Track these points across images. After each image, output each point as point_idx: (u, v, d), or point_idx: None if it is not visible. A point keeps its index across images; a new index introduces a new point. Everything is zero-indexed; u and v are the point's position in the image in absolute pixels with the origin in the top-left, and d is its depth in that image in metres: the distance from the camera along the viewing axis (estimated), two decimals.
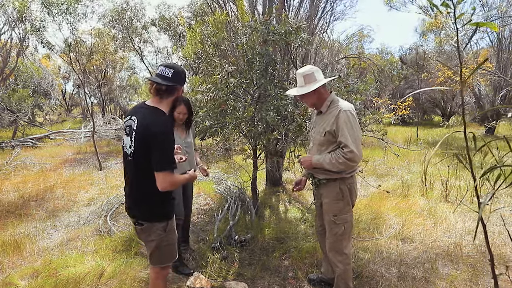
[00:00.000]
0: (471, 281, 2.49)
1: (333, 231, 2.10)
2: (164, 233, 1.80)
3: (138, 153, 1.71)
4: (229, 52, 3.67)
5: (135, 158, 1.72)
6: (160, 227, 1.80)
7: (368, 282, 2.52)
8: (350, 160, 1.90)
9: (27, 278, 2.67)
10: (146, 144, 1.67)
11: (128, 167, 1.81)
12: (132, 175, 1.80)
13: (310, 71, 2.05)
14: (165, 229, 1.80)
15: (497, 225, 3.46)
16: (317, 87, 2.00)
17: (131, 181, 1.82)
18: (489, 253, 1.32)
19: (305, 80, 2.05)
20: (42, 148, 9.26)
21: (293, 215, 3.94)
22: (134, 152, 1.72)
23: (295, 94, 2.12)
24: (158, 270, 1.91)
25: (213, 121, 2.98)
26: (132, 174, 1.79)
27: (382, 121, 4.45)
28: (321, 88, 2.04)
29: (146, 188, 1.74)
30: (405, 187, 4.75)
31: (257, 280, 2.60)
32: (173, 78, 1.73)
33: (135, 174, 1.78)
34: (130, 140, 1.73)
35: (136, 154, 1.72)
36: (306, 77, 2.04)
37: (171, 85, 1.73)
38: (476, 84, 10.79)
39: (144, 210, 1.81)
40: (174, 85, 1.74)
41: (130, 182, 1.82)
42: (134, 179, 1.80)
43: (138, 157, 1.71)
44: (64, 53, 8.09)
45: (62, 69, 20.28)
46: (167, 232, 1.82)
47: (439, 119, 16.54)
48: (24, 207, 4.39)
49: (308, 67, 2.08)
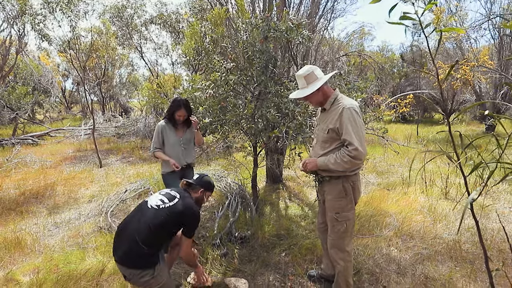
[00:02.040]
0: (470, 277, 2.50)
1: (335, 228, 2.11)
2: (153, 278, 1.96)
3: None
4: (229, 49, 3.67)
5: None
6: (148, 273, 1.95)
7: (368, 279, 2.53)
8: (355, 158, 1.88)
9: (29, 274, 2.69)
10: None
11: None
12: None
13: (309, 71, 2.03)
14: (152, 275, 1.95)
15: (497, 222, 3.47)
16: (320, 85, 1.99)
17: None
18: (482, 248, 1.33)
19: (307, 80, 2.03)
20: (42, 146, 9.26)
21: (293, 212, 3.95)
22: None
23: (300, 97, 2.08)
24: None
25: (213, 118, 2.98)
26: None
27: (383, 119, 4.45)
28: (324, 86, 2.04)
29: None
30: (405, 185, 4.75)
31: (257, 276, 2.62)
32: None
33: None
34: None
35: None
36: (307, 77, 2.03)
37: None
38: (477, 81, 10.75)
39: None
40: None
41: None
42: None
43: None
44: (62, 51, 8.09)
45: (61, 66, 20.24)
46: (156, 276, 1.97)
47: (439, 116, 16.52)
48: (25, 204, 4.40)
49: (306, 67, 2.06)
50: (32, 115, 13.25)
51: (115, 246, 2.01)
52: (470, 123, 12.78)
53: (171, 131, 2.94)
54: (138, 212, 2.09)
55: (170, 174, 2.93)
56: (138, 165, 6.87)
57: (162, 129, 2.93)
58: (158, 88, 9.10)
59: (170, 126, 2.94)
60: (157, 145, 2.94)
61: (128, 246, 1.91)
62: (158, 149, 2.94)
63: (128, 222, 2.06)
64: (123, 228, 2.05)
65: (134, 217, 2.06)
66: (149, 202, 2.10)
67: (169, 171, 2.91)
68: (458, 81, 9.35)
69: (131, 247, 1.90)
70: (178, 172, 2.91)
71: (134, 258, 1.91)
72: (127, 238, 1.94)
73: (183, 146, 2.97)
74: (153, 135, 2.99)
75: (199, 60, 5.63)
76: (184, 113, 2.90)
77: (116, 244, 2.00)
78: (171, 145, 2.94)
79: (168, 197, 2.13)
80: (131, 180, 5.48)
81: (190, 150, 3.05)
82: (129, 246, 1.91)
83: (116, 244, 2.00)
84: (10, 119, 10.92)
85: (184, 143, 2.99)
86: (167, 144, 2.95)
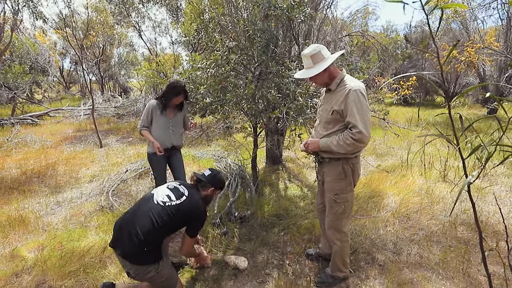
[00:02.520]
0: (463, 257, 2.57)
1: (333, 209, 2.13)
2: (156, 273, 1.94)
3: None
4: (230, 27, 3.58)
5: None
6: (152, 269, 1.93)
7: (364, 258, 2.60)
8: (359, 141, 1.86)
9: (33, 250, 2.76)
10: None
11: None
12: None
13: (316, 50, 1.96)
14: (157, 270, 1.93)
15: (492, 204, 3.52)
16: (328, 65, 1.94)
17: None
18: (478, 229, 1.35)
19: (313, 60, 1.97)
20: (42, 126, 9.24)
21: (293, 193, 4.00)
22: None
23: (306, 77, 2.02)
24: None
25: (214, 99, 2.95)
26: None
27: (384, 101, 4.41)
28: (331, 66, 1.98)
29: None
30: (404, 167, 4.78)
31: (256, 254, 2.68)
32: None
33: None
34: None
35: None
36: (314, 57, 1.96)
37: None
38: (482, 64, 10.56)
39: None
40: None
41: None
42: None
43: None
44: (58, 28, 7.88)
45: (59, 45, 19.83)
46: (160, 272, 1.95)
47: (441, 99, 16.38)
48: (27, 183, 4.45)
49: (312, 46, 1.99)
50: (30, 94, 13.12)
51: (116, 240, 1.93)
52: (472, 107, 12.68)
53: (162, 112, 2.93)
54: (142, 206, 2.00)
55: (155, 154, 2.92)
56: (138, 145, 6.88)
57: (152, 108, 2.91)
58: (157, 67, 8.97)
59: (161, 107, 2.93)
60: (145, 124, 2.93)
61: (132, 242, 1.84)
62: (145, 128, 2.93)
63: (131, 215, 1.98)
64: (125, 223, 1.96)
65: (138, 211, 1.98)
66: (155, 196, 2.02)
67: (155, 151, 2.90)
68: (462, 63, 9.18)
69: (135, 243, 1.83)
70: (164, 153, 2.92)
71: (138, 254, 1.85)
72: (130, 233, 1.86)
73: (171, 128, 2.97)
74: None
75: (199, 39, 5.50)
76: (182, 99, 2.91)
77: (118, 238, 1.92)
78: (160, 125, 2.93)
79: (176, 193, 2.04)
80: (132, 160, 5.51)
81: (178, 132, 3.05)
82: (132, 242, 1.83)
83: (118, 238, 1.92)
84: (9, 99, 10.83)
85: (173, 125, 2.98)
86: (155, 124, 2.94)
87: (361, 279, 2.34)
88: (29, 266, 2.50)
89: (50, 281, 2.32)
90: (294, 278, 2.37)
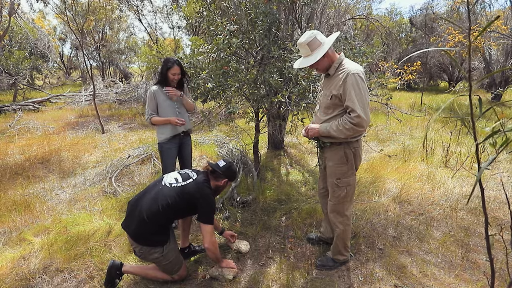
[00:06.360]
0: (463, 241, 2.60)
1: (336, 193, 2.14)
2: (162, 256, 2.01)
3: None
4: (232, 10, 3.50)
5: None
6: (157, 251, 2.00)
7: (365, 242, 2.63)
8: (358, 125, 1.85)
9: (40, 234, 2.81)
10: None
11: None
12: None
13: (311, 37, 1.93)
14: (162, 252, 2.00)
15: (494, 190, 3.53)
16: (326, 51, 1.91)
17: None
18: (484, 215, 1.36)
19: (310, 47, 1.95)
20: (44, 112, 9.24)
21: (294, 178, 4.02)
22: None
23: (305, 66, 1.99)
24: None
25: (215, 83, 2.92)
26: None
27: (387, 86, 4.36)
28: (329, 50, 1.96)
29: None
30: (406, 152, 4.78)
31: (258, 238, 2.72)
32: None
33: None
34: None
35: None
36: (310, 44, 1.94)
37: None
38: (488, 48, 10.35)
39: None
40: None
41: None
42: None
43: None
44: (58, 12, 7.74)
45: (58, 30, 19.56)
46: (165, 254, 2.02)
47: (445, 84, 16.17)
48: (31, 169, 4.49)
49: (307, 33, 1.95)
50: (31, 80, 13.06)
51: (126, 219, 2.04)
52: (476, 92, 12.52)
53: (164, 96, 2.79)
54: (151, 189, 2.08)
55: (167, 142, 2.81)
56: (140, 131, 6.89)
57: (155, 93, 2.76)
58: (158, 53, 8.85)
59: (163, 91, 2.79)
60: (153, 110, 2.78)
61: (139, 223, 1.94)
62: (154, 114, 2.79)
63: (140, 197, 2.06)
64: (135, 203, 2.05)
65: (147, 193, 2.05)
66: (165, 179, 2.09)
67: (167, 137, 2.80)
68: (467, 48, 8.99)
69: (141, 225, 1.93)
70: (176, 141, 2.85)
71: (145, 235, 1.95)
72: (137, 214, 1.96)
73: (178, 110, 2.83)
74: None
75: (200, 22, 5.39)
76: (178, 71, 2.72)
77: (127, 218, 2.04)
78: (165, 109, 2.79)
79: (184, 176, 2.10)
80: (134, 146, 5.53)
81: (184, 115, 2.90)
82: (139, 223, 1.93)
83: (127, 218, 2.04)
84: (9, 85, 10.79)
85: (179, 107, 2.85)
86: (161, 110, 2.79)
87: (361, 262, 2.38)
88: (36, 250, 2.55)
89: (57, 263, 2.38)
90: (296, 261, 2.42)
